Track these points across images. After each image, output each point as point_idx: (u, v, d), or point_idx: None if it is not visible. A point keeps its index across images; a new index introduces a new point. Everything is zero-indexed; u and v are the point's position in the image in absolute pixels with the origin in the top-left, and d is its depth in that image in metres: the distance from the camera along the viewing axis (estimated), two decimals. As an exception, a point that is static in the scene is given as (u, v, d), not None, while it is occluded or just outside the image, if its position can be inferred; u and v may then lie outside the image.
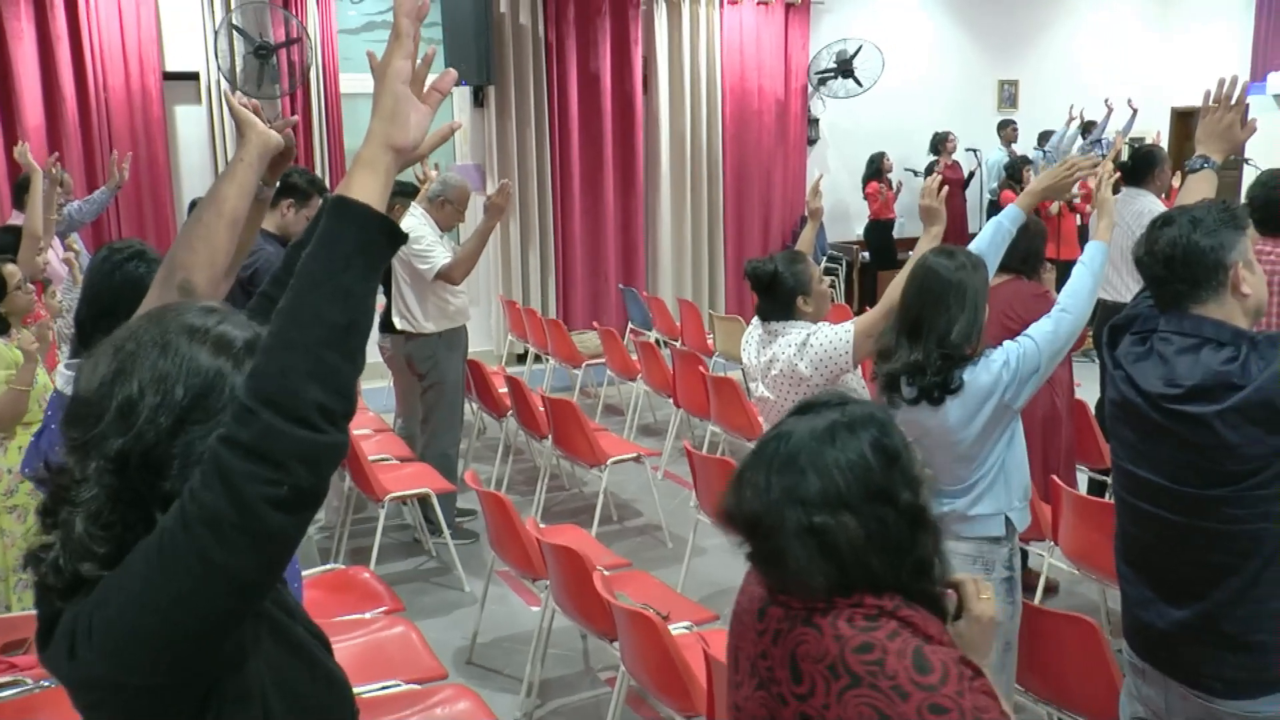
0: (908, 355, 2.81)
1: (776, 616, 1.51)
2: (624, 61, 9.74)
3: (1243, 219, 2.18)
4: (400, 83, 1.30)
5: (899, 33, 11.11)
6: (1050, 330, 2.82)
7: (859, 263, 10.81)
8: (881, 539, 1.44)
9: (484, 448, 7.14)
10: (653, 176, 10.12)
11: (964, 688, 1.40)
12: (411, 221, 5.30)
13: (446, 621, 4.70)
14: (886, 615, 1.44)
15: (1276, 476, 2.05)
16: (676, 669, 2.84)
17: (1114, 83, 11.16)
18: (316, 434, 1.15)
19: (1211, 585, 2.15)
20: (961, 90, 11.68)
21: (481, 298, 9.55)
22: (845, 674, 1.41)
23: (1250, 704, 2.15)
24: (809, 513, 1.43)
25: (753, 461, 1.53)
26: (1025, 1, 11.95)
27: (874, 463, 1.47)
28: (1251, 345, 2.06)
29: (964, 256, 2.88)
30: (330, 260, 1.20)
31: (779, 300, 3.32)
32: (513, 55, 9.24)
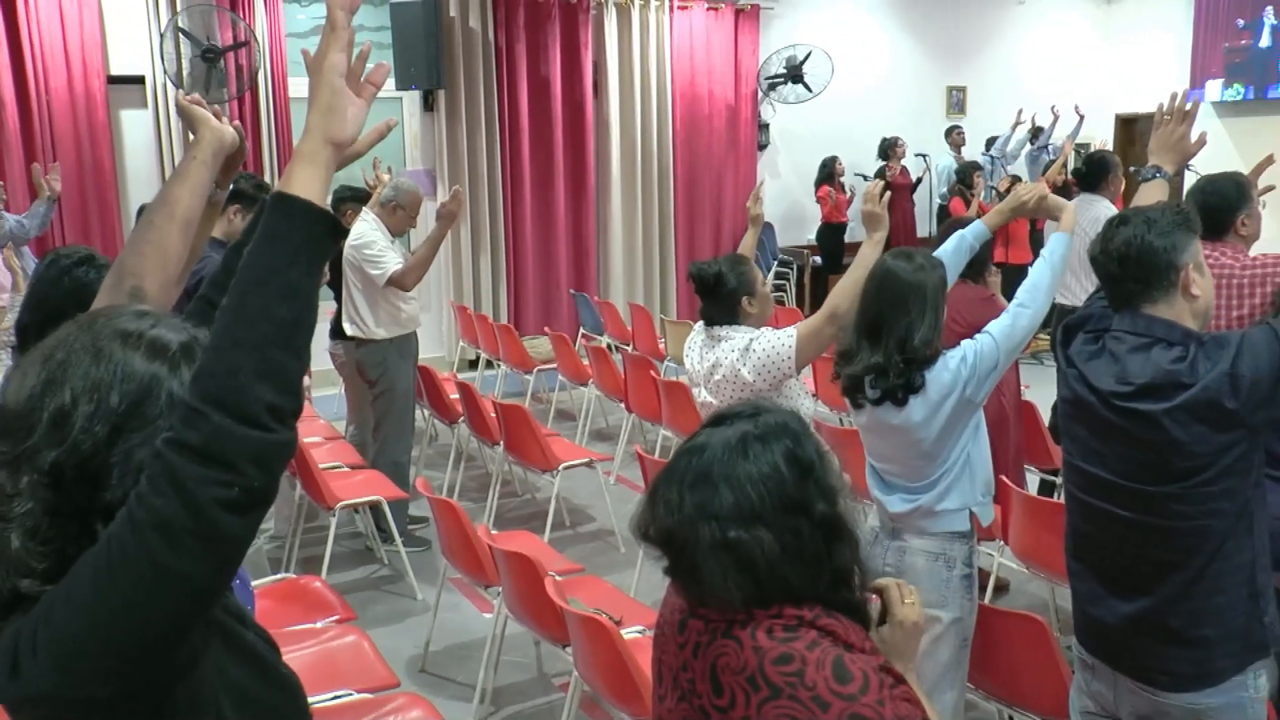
0: (869, 357, 2.84)
1: (697, 629, 1.51)
2: (574, 66, 9.75)
3: (1195, 223, 2.23)
4: (336, 76, 1.30)
5: (848, 39, 11.21)
6: (1008, 325, 2.87)
7: (810, 266, 10.89)
8: (797, 551, 1.44)
9: (436, 454, 7.11)
10: (604, 181, 10.13)
11: (885, 696, 1.40)
12: (363, 227, 5.27)
13: (399, 630, 4.68)
14: (806, 625, 1.44)
15: (1222, 474, 2.10)
16: (629, 673, 2.84)
17: (1059, 89, 11.34)
18: (267, 433, 1.14)
19: (1158, 581, 2.20)
20: (911, 96, 11.80)
21: (433, 303, 9.51)
22: (765, 686, 1.41)
23: (1194, 696, 2.19)
24: (723, 527, 1.43)
25: (666, 477, 1.52)
26: (972, 9, 12.11)
27: (787, 474, 1.46)
28: (1200, 345, 2.11)
29: (922, 258, 2.91)
30: (274, 256, 1.19)
31: (723, 301, 3.32)
32: (463, 59, 9.22)
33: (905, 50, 11.87)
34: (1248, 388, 2.02)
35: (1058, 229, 3.08)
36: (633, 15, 9.99)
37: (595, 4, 9.82)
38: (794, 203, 11.42)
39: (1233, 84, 11.54)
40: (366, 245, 5.20)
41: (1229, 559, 2.15)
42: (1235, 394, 2.03)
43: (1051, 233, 3.13)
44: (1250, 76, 11.37)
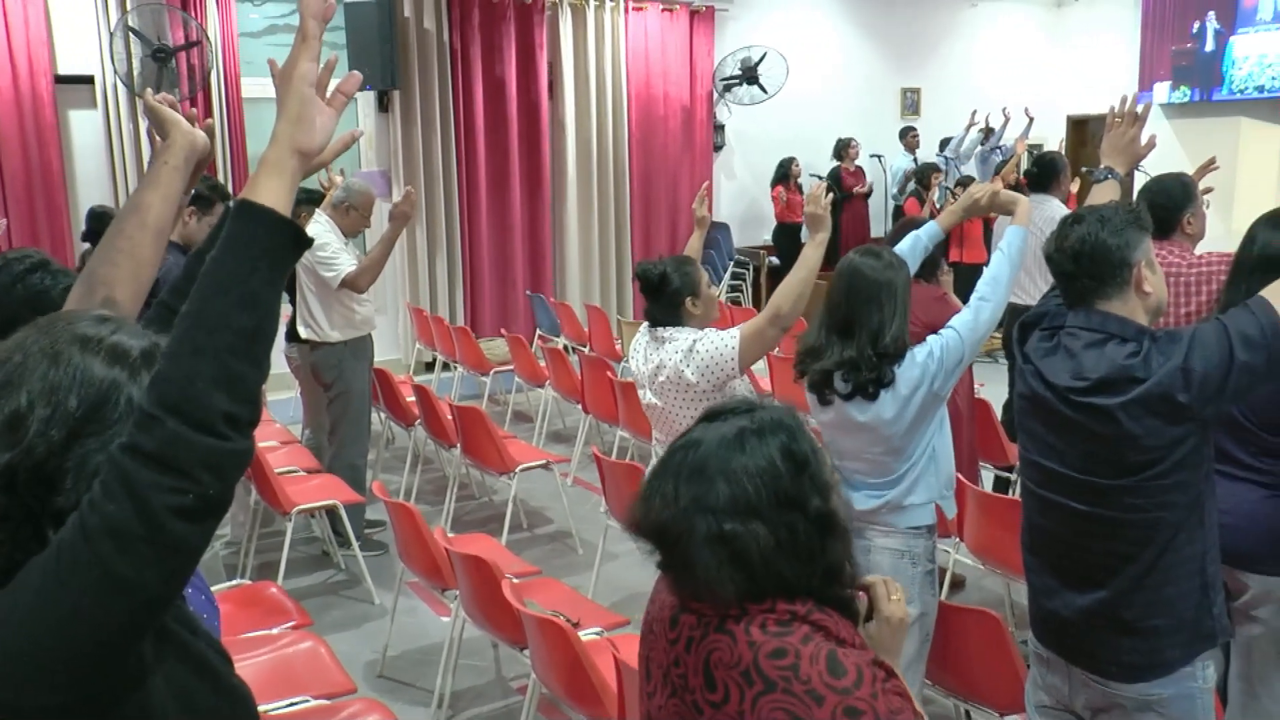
0: (840, 353, 2.87)
1: (689, 624, 1.51)
2: (529, 67, 9.73)
3: (1147, 221, 2.27)
4: (306, 85, 1.30)
5: (803, 40, 11.28)
6: (970, 319, 2.92)
7: (766, 267, 10.94)
8: (792, 546, 1.45)
9: (392, 458, 7.07)
10: (559, 182, 10.12)
11: (878, 690, 1.41)
12: (316, 229, 5.23)
13: (356, 635, 4.65)
14: (799, 620, 1.45)
15: (1174, 467, 2.14)
16: (587, 675, 2.84)
17: (1011, 91, 11.48)
18: (223, 441, 1.14)
19: (1112, 573, 2.23)
20: (865, 98, 11.90)
21: (389, 306, 9.45)
22: (759, 680, 1.41)
23: (1146, 687, 2.23)
24: (719, 520, 1.43)
25: (661, 470, 1.53)
26: (925, 12, 12.22)
27: (783, 469, 1.47)
28: (1153, 341, 2.15)
29: (889, 256, 2.96)
30: (236, 265, 1.19)
31: (667, 302, 3.32)
32: (417, 60, 9.17)
33: (859, 52, 11.96)
34: (1199, 382, 2.06)
35: (1012, 222, 3.12)
36: (588, 16, 9.98)
37: (550, 5, 9.80)
38: (750, 203, 11.48)
39: (1180, 86, 11.74)
40: (320, 247, 5.16)
41: (1180, 551, 2.19)
42: (1187, 388, 2.07)
43: (1005, 227, 3.17)
44: (1196, 79, 11.57)
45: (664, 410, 3.33)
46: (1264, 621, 2.78)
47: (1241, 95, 11.24)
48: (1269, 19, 10.92)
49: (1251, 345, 2.06)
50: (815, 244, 3.26)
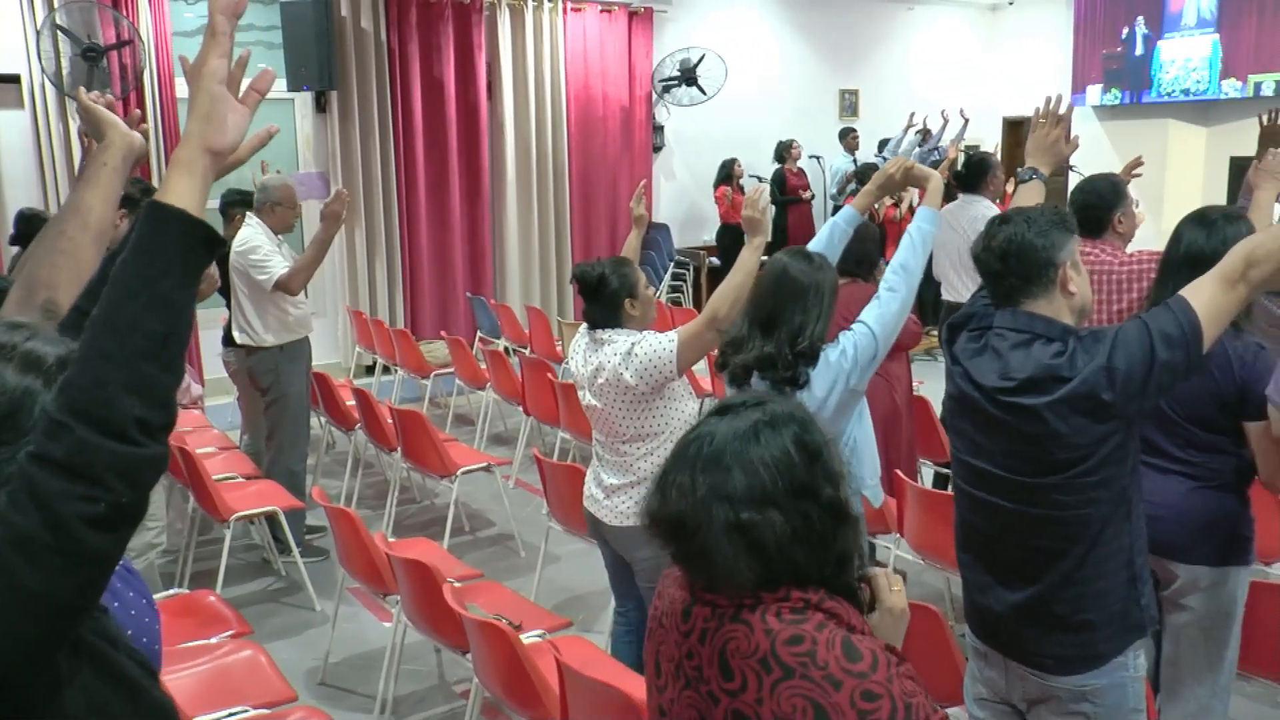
0: (761, 347, 2.88)
1: (703, 616, 1.53)
2: (467, 67, 9.68)
3: (1072, 223, 2.32)
4: (216, 82, 1.28)
5: (742, 42, 11.34)
6: (879, 313, 2.92)
7: (706, 267, 10.98)
8: (806, 533, 1.47)
9: (333, 462, 7.00)
10: (499, 183, 10.08)
11: (893, 674, 1.44)
12: (248, 232, 5.18)
13: (297, 642, 4.60)
14: (812, 608, 1.47)
15: (1100, 464, 2.18)
16: (529, 678, 2.84)
17: (948, 93, 11.63)
18: (134, 447, 1.12)
19: (1043, 569, 2.27)
20: (804, 99, 11.99)
21: (328, 308, 9.37)
22: (777, 667, 1.43)
23: (1080, 679, 2.28)
24: (736, 509, 1.45)
25: (675, 463, 1.54)
26: (863, 14, 12.34)
27: (797, 459, 1.49)
28: (1078, 340, 2.19)
29: (818, 259, 2.97)
30: (147, 267, 1.17)
31: (605, 303, 3.32)
32: (355, 60, 9.09)
33: (798, 54, 12.05)
34: (1122, 380, 2.11)
35: (924, 203, 3.13)
36: (526, 16, 9.95)
37: (488, 5, 9.77)
38: (690, 204, 11.52)
39: (1110, 89, 11.97)
40: (252, 250, 5.10)
41: (1108, 545, 2.23)
42: (1111, 386, 2.11)
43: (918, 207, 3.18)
44: (1126, 82, 11.81)
45: (603, 411, 3.33)
46: (1191, 609, 2.86)
47: (1169, 98, 11.49)
48: (1193, 24, 11.18)
49: (1172, 343, 2.10)
50: (752, 247, 3.28)
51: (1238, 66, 10.82)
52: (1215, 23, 10.98)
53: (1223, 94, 11.00)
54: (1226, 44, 10.89)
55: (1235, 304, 2.15)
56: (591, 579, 4.91)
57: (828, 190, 11.50)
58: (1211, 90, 11.08)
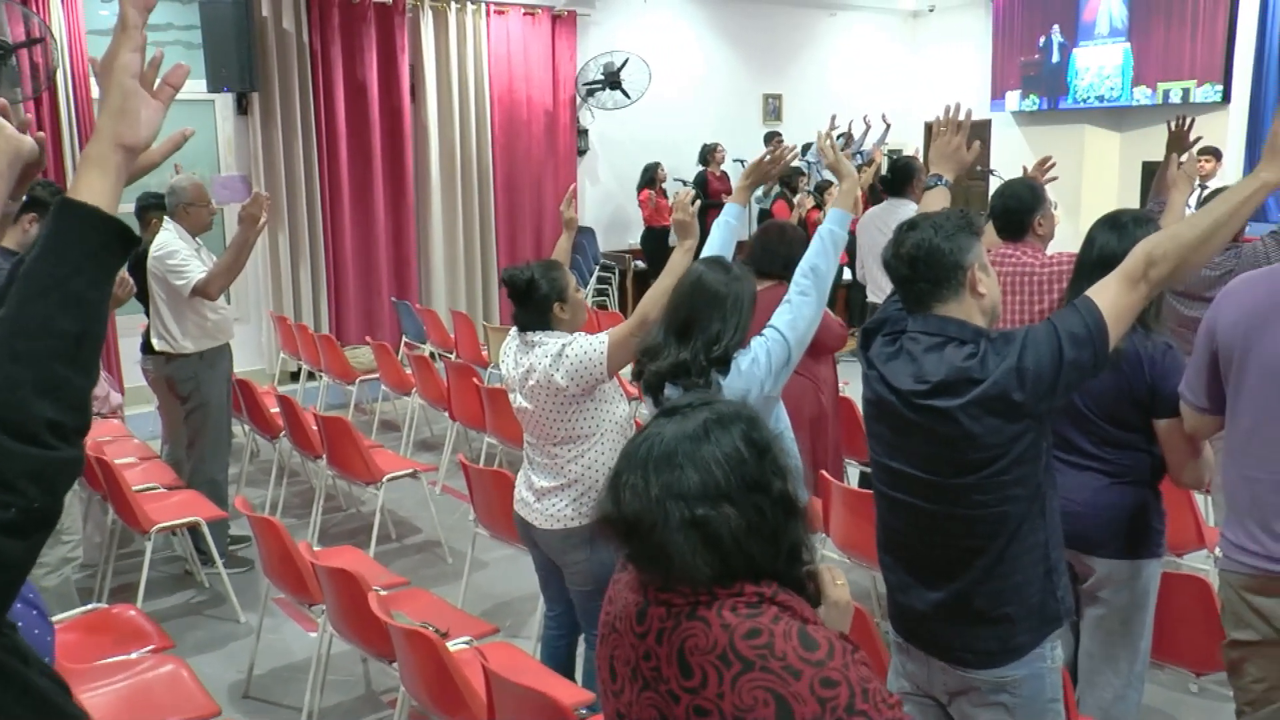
0: (676, 354, 2.86)
1: (659, 616, 1.54)
2: (391, 70, 9.60)
3: (977, 226, 2.37)
4: (129, 77, 1.25)
5: (665, 46, 11.38)
6: (791, 318, 2.93)
7: (632, 271, 11.00)
8: (760, 527, 1.49)
9: (257, 471, 6.90)
10: (423, 187, 10.01)
11: (849, 660, 1.47)
12: (165, 236, 5.08)
13: (220, 655, 4.52)
14: (767, 601, 1.49)
15: (1014, 463, 2.22)
16: (455, 685, 2.82)
17: (870, 98, 11.79)
18: (48, 450, 1.09)
19: (962, 567, 2.31)
20: (728, 103, 12.06)
21: (251, 314, 9.22)
22: (737, 660, 1.45)
23: (1000, 671, 2.32)
24: (691, 506, 1.47)
25: (627, 464, 1.55)
26: (785, 20, 12.46)
27: (748, 455, 1.51)
28: (990, 342, 2.23)
29: (736, 268, 2.96)
30: (58, 266, 1.14)
31: (535, 307, 3.32)
32: (276, 62, 8.97)
33: (721, 58, 12.12)
34: (1032, 380, 2.15)
35: (834, 204, 3.15)
36: (449, 19, 9.90)
37: (411, 7, 9.69)
38: (616, 208, 11.53)
39: (1029, 95, 12.23)
40: (169, 255, 5.00)
41: (1025, 540, 2.28)
42: (1022, 387, 2.16)
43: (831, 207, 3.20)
44: (1044, 89, 12.08)
45: (534, 414, 3.33)
46: (1107, 602, 2.93)
47: (1085, 104, 11.77)
48: (1106, 33, 11.47)
49: (1079, 343, 2.16)
50: (683, 250, 3.29)
51: (1148, 75, 11.14)
52: (1126, 32, 11.28)
53: (1134, 101, 11.31)
54: (1137, 53, 11.20)
55: (1138, 302, 2.22)
56: (519, 584, 4.90)
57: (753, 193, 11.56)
58: (1124, 97, 11.39)
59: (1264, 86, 10.95)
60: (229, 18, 8.36)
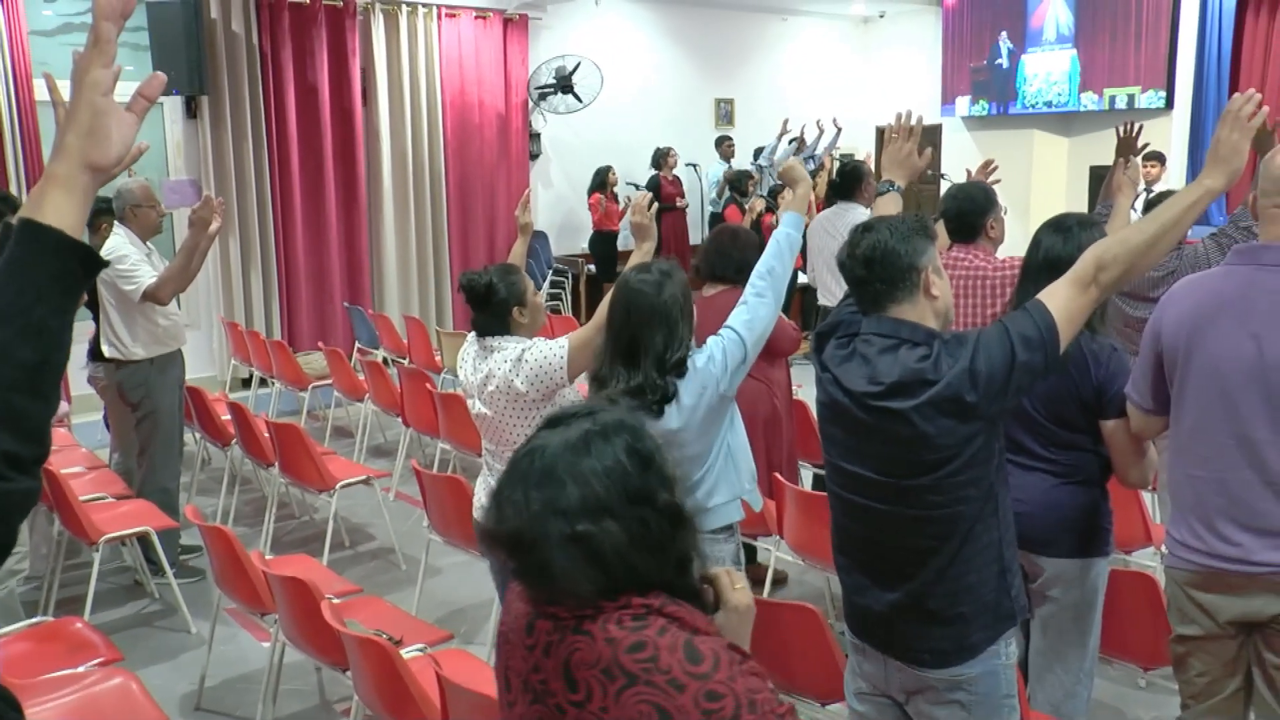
0: (626, 380, 2.84)
1: (545, 629, 1.52)
2: (342, 73, 9.54)
3: (931, 230, 2.39)
4: (100, 94, 1.21)
5: (617, 50, 11.40)
6: (748, 319, 2.94)
7: (584, 275, 11.00)
8: (644, 540, 1.47)
9: (208, 479, 6.81)
10: (375, 191, 9.95)
11: (735, 672, 1.45)
12: (115, 241, 5.00)
13: (171, 667, 4.46)
14: (654, 613, 1.47)
15: (967, 464, 2.25)
16: (409, 693, 2.81)
17: (822, 102, 11.87)
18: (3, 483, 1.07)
19: (917, 567, 2.34)
20: (680, 107, 12.10)
21: (202, 320, 9.11)
22: (621, 675, 1.43)
23: (955, 669, 2.35)
24: (571, 522, 1.44)
25: (509, 479, 1.52)
26: (737, 25, 12.52)
27: (630, 467, 1.49)
28: (943, 344, 2.25)
29: (661, 268, 2.93)
30: (20, 293, 1.11)
31: (494, 312, 3.30)
32: (226, 64, 8.87)
33: (673, 63, 12.16)
34: (985, 381, 2.18)
35: (788, 207, 3.17)
36: (400, 22, 9.85)
37: (362, 9, 9.63)
38: (568, 212, 11.53)
39: (978, 100, 12.39)
40: (119, 260, 4.92)
41: (979, 541, 2.30)
42: (974, 388, 2.18)
43: (785, 210, 3.22)
44: (993, 94, 12.24)
45: (494, 420, 3.31)
46: (1057, 600, 2.98)
47: (1033, 110, 11.94)
48: (1053, 40, 11.65)
49: (1030, 345, 2.19)
50: (641, 253, 3.29)
51: (1095, 81, 11.33)
52: (1073, 39, 11.46)
53: (1082, 106, 11.50)
54: (1084, 59, 11.39)
55: (1088, 306, 2.26)
56: (473, 591, 4.88)
57: (705, 198, 11.62)
58: (1072, 103, 11.57)
59: (1204, 92, 11.19)
60: (177, 19, 8.24)
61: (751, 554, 4.68)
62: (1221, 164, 2.35)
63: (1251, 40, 11.70)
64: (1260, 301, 2.44)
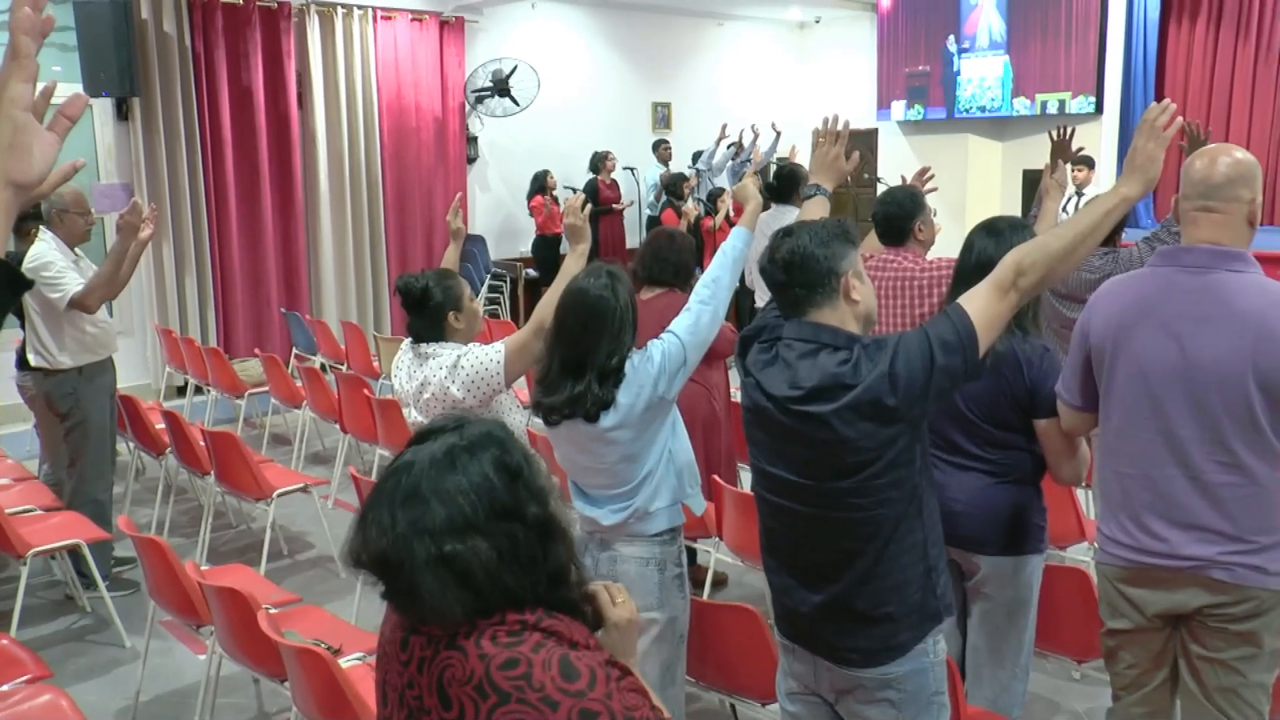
0: (572, 389, 2.84)
1: (419, 644, 1.49)
2: (277, 75, 9.43)
3: (853, 235, 2.42)
4: (19, 110, 1.19)
5: (555, 53, 11.38)
6: (691, 323, 2.95)
7: (523, 278, 10.97)
8: (514, 556, 1.45)
9: (143, 489, 6.69)
10: (312, 195, 9.84)
11: (612, 689, 1.43)
12: (40, 247, 4.90)
13: (105, 682, 4.38)
14: (530, 628, 1.45)
15: (889, 466, 2.27)
16: (348, 702, 2.78)
17: (759, 106, 11.93)
18: None
19: (843, 568, 2.35)
20: (618, 111, 12.11)
21: (135, 327, 8.95)
22: (493, 692, 1.41)
23: (884, 669, 2.37)
24: (438, 542, 1.42)
25: (375, 499, 1.49)
26: (674, 29, 12.56)
27: (497, 481, 1.47)
28: (863, 348, 2.27)
29: (608, 273, 2.93)
30: None
31: (430, 316, 3.28)
32: (158, 66, 8.72)
33: (610, 66, 12.17)
34: (904, 385, 2.20)
35: (740, 224, 3.19)
36: (336, 24, 9.76)
37: (297, 11, 9.53)
38: (506, 215, 11.50)
39: (914, 105, 12.54)
40: (44, 267, 4.82)
41: (903, 541, 2.33)
42: (894, 391, 2.20)
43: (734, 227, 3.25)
44: (928, 99, 12.39)
45: (431, 427, 3.28)
46: (992, 598, 3.03)
47: (968, 114, 12.11)
48: (986, 46, 11.82)
49: (949, 349, 2.22)
50: (576, 255, 3.29)
51: (1027, 86, 11.53)
52: (1005, 45, 11.64)
53: (1015, 111, 11.68)
54: (1017, 65, 11.58)
55: (1008, 310, 2.29)
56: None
57: (643, 201, 11.65)
58: (1005, 108, 11.75)
59: (1132, 98, 11.44)
60: (106, 19, 8.07)
61: (692, 556, 4.69)
62: (1138, 172, 2.40)
63: (1175, 47, 12.00)
64: (1181, 302, 2.50)
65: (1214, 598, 2.49)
